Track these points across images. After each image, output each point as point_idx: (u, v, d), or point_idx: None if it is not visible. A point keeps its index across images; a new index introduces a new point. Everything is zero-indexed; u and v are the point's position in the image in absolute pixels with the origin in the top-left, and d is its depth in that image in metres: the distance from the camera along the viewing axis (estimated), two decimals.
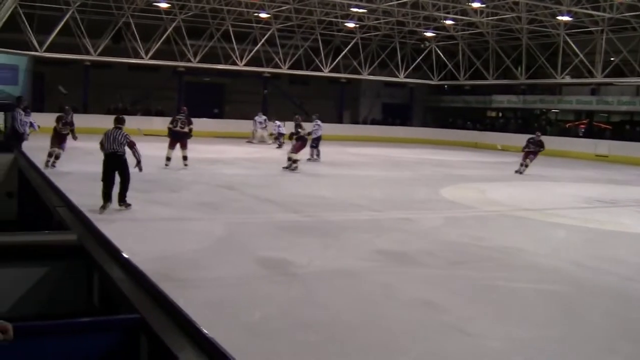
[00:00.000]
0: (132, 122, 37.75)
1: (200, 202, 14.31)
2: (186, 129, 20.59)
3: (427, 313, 7.28)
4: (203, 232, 11.17)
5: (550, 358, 6.09)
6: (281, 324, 6.65)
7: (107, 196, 12.39)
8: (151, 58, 38.97)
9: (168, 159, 20.39)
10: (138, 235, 10.64)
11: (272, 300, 7.45)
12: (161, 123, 38.25)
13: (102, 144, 12.81)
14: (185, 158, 20.38)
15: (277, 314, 6.97)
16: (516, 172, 23.80)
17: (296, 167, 21.48)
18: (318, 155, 26.09)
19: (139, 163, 13.41)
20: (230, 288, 7.91)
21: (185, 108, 21.98)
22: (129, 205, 12.80)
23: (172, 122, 20.98)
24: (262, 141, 35.46)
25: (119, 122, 13.22)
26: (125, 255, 2.86)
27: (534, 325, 7.07)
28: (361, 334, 6.49)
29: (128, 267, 2.70)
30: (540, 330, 6.92)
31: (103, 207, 12.14)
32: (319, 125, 26.48)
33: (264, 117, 36.18)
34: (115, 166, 12.56)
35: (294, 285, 8.15)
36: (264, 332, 6.39)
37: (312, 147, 25.66)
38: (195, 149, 28.79)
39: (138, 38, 38.22)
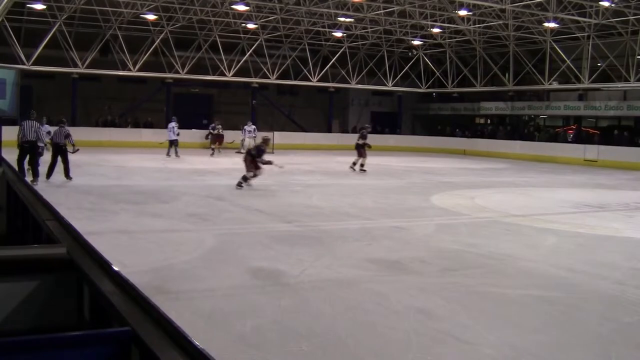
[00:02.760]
0: (122, 135, 37.99)
1: (191, 213, 14.27)
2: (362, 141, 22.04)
3: (420, 321, 7.25)
4: (194, 243, 11.13)
5: None
6: (274, 334, 6.62)
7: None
8: (139, 70, 38.95)
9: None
10: (129, 247, 10.59)
11: (264, 311, 7.41)
12: (150, 135, 38.40)
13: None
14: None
15: (270, 324, 6.93)
16: None
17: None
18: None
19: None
20: (222, 299, 7.87)
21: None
22: None
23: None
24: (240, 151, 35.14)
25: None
26: (116, 268, 2.83)
27: (528, 332, 7.05)
28: (354, 343, 6.46)
29: (118, 279, 2.68)
30: (534, 336, 6.91)
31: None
32: None
33: (254, 126, 35.97)
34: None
35: (286, 295, 8.12)
36: (256, 342, 6.35)
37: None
38: (185, 160, 28.86)
39: (126, 50, 38.20)
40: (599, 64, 37.61)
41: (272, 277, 8.98)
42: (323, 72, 44.28)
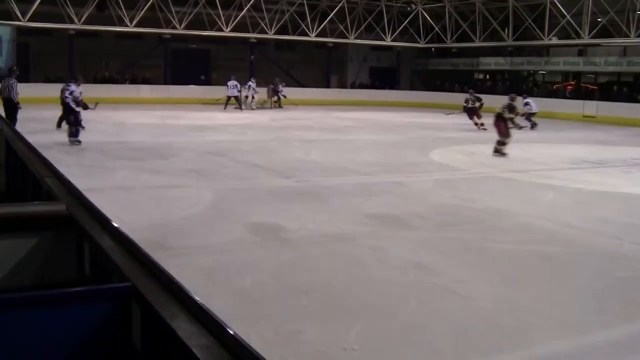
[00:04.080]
0: (120, 91, 37.79)
1: (190, 169, 14.28)
2: (477, 105, 21.43)
3: (418, 275, 7.31)
4: (193, 199, 11.16)
5: (541, 318, 6.13)
6: (273, 288, 6.67)
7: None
8: (136, 26, 38.52)
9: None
10: (128, 203, 10.61)
11: (263, 266, 7.46)
12: (148, 91, 38.24)
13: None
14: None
15: (269, 279, 6.99)
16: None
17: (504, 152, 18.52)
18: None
19: None
20: (222, 254, 7.92)
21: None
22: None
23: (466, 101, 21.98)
24: (249, 107, 35.19)
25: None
26: (115, 224, 2.85)
27: (525, 286, 7.11)
28: (353, 297, 6.51)
29: (118, 235, 2.69)
30: (530, 290, 6.97)
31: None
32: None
33: (255, 82, 36.06)
34: None
35: (285, 250, 8.17)
36: (255, 297, 6.41)
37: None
38: (184, 116, 28.80)
39: (122, 6, 37.78)
40: (599, 20, 37.33)
41: (271, 233, 9.02)
42: (321, 27, 43.93)
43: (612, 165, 17.62)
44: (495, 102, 22.23)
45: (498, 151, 18.32)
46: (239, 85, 35.32)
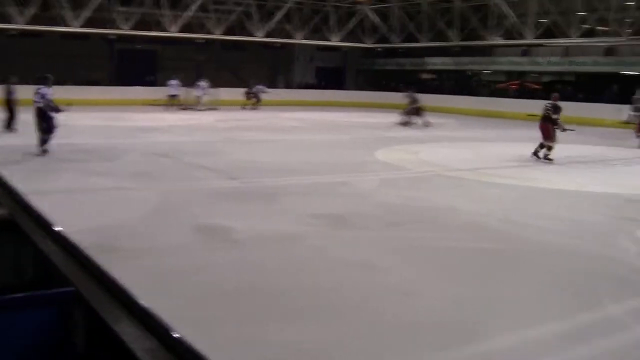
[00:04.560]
0: (65, 92, 37.13)
1: (135, 172, 14.15)
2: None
3: (365, 274, 7.35)
4: (140, 202, 11.06)
5: (488, 314, 6.22)
6: (221, 290, 6.65)
7: None
8: (82, 26, 37.99)
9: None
10: (73, 207, 10.46)
11: (211, 268, 7.43)
12: (97, 93, 37.69)
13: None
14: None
15: (217, 280, 6.96)
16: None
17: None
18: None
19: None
20: (168, 257, 7.86)
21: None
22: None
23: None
24: (199, 108, 35.12)
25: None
26: (58, 228, 2.81)
27: (473, 284, 7.20)
28: (301, 298, 6.53)
29: (61, 239, 2.66)
30: (477, 287, 7.06)
31: None
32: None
33: (207, 83, 36.06)
34: None
35: (232, 252, 8.14)
36: (203, 299, 6.38)
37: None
38: (130, 117, 28.51)
39: (68, 5, 37.17)
40: (542, 20, 37.92)
41: (217, 234, 8.99)
42: (268, 27, 43.86)
43: (557, 162, 17.91)
44: (441, 102, 22.36)
45: (545, 157, 17.62)
46: (179, 85, 35.80)
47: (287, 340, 5.48)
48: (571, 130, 18.27)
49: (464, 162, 17.42)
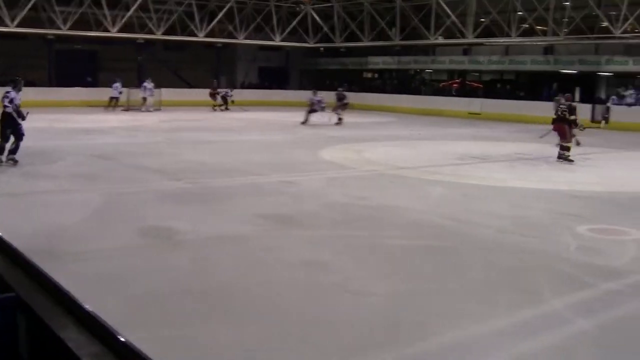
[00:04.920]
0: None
1: (77, 174, 13.92)
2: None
3: (313, 274, 7.35)
4: (82, 204, 10.88)
5: (434, 310, 6.26)
6: (168, 293, 6.56)
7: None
8: (18, 26, 37.25)
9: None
10: (13, 210, 10.27)
11: (157, 270, 7.35)
12: (34, 94, 36.98)
13: None
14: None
15: (164, 283, 6.87)
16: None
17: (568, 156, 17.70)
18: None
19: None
20: (114, 260, 7.74)
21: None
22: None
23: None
24: (147, 109, 34.84)
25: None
26: None
27: (418, 280, 7.25)
28: (249, 299, 6.48)
29: (1, 244, 2.59)
30: (424, 284, 7.11)
31: None
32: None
33: (152, 83, 35.74)
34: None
35: (178, 254, 8.06)
36: (151, 303, 6.29)
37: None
38: (70, 119, 28.10)
39: (3, 4, 36.45)
40: (482, 20, 38.47)
41: (163, 236, 8.89)
42: (210, 27, 43.64)
43: (497, 160, 18.16)
44: (383, 101, 22.50)
45: (563, 157, 17.38)
46: (119, 87, 35.58)
47: (232, 341, 5.44)
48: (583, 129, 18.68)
49: (407, 160, 17.55)
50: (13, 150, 14.59)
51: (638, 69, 33.21)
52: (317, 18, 47.27)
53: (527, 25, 36.88)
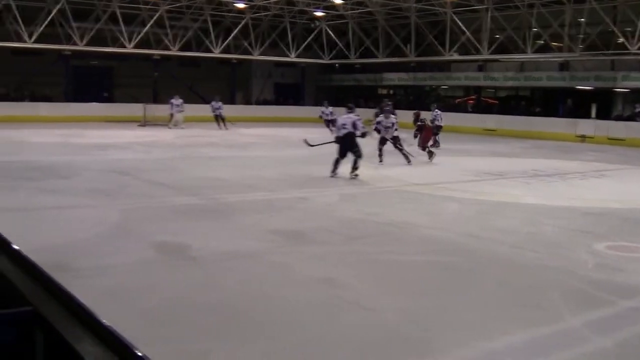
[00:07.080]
0: (17, 109, 36.71)
1: (92, 189, 14.00)
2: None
3: (324, 290, 7.35)
4: (97, 220, 10.94)
5: (444, 327, 6.25)
6: (180, 308, 6.59)
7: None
8: (35, 42, 37.57)
9: None
10: (29, 225, 10.32)
11: (170, 285, 7.38)
12: (49, 109, 37.28)
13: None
14: None
15: (176, 298, 6.90)
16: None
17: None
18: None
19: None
20: (127, 275, 7.78)
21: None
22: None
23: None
24: (176, 125, 34.86)
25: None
26: (15, 247, 2.77)
27: (429, 297, 7.24)
28: (259, 314, 6.50)
29: (18, 258, 2.62)
30: (434, 300, 7.09)
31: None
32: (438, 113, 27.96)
33: (181, 100, 35.70)
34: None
35: (191, 269, 8.09)
36: (163, 317, 6.32)
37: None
38: (86, 134, 28.25)
39: (20, 21, 36.78)
40: (497, 36, 38.49)
41: (176, 252, 8.93)
42: (225, 43, 43.86)
43: (513, 176, 18.11)
44: (398, 117, 22.48)
45: None
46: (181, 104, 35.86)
47: (245, 356, 5.46)
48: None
49: (421, 177, 17.53)
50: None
51: None
52: (332, 34, 47.40)
53: (542, 42, 36.89)
